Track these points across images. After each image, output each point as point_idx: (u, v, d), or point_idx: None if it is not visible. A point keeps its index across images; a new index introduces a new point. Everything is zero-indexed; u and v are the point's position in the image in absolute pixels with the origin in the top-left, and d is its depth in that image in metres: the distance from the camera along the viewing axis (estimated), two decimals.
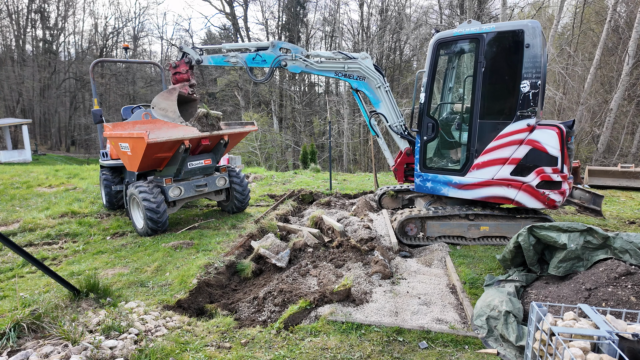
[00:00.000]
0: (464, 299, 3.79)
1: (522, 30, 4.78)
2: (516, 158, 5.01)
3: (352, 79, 5.89)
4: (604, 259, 3.49)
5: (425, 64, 5.50)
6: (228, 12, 33.56)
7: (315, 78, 34.65)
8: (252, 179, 11.21)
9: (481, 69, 5.04)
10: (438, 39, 5.34)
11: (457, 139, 5.74)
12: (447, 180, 5.52)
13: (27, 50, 39.16)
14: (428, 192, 5.79)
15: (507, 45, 4.96)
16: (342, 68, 5.84)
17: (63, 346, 2.75)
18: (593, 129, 16.33)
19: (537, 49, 4.74)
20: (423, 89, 5.52)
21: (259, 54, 5.94)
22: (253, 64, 6.00)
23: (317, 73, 6.01)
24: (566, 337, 2.15)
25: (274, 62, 5.89)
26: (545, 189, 4.96)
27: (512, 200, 5.15)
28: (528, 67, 4.79)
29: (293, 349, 3.02)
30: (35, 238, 5.87)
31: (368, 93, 5.94)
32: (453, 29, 5.27)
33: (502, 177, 5.13)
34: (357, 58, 5.83)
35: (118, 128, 6.55)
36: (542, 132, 4.86)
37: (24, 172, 11.63)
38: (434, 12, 27.22)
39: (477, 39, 5.04)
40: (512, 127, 4.98)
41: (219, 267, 4.65)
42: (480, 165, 5.24)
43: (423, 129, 5.57)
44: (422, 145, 5.67)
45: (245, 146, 23.58)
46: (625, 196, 8.40)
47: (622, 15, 16.71)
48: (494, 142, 5.10)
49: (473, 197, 5.39)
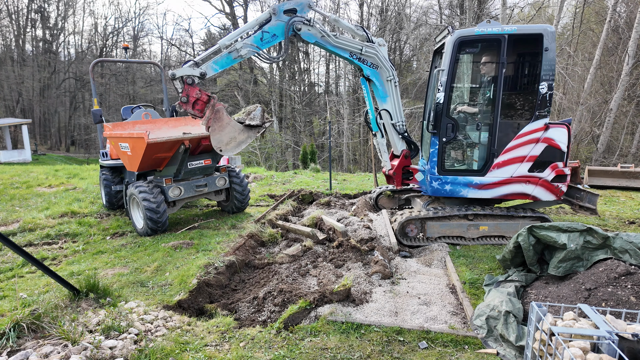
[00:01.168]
0: (464, 299, 3.79)
1: (542, 34, 4.94)
2: (534, 155, 5.26)
3: (366, 64, 5.45)
4: (603, 259, 3.49)
5: (444, 63, 5.23)
6: (228, 12, 33.56)
7: (315, 78, 34.65)
8: (252, 179, 11.21)
9: (502, 69, 5.06)
10: (459, 37, 5.11)
11: (476, 139, 5.60)
12: (468, 182, 5.46)
13: (27, 50, 39.18)
14: (446, 195, 5.59)
15: (527, 47, 5.11)
16: (359, 50, 5.34)
17: (63, 346, 2.75)
18: (593, 129, 16.33)
19: (554, 52, 4.96)
20: (441, 88, 5.26)
21: (265, 30, 4.99)
22: (264, 44, 5.04)
23: (330, 48, 5.28)
24: (566, 337, 2.15)
25: (287, 30, 5.00)
26: (558, 182, 5.33)
27: (528, 196, 5.39)
28: (546, 70, 4.98)
29: (293, 349, 3.02)
30: (35, 238, 5.87)
31: (378, 84, 5.56)
32: (473, 28, 5.15)
33: (521, 175, 5.33)
34: (375, 43, 5.45)
35: (118, 128, 6.55)
36: (555, 130, 5.18)
37: (24, 172, 11.63)
38: (433, 12, 27.26)
39: (499, 39, 5.02)
40: (530, 127, 5.19)
41: (218, 267, 4.65)
42: (500, 165, 5.33)
43: (442, 130, 5.34)
44: (440, 147, 5.44)
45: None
46: (625, 196, 8.40)
47: (622, 15, 16.71)
48: (513, 141, 5.26)
49: (492, 196, 5.46)
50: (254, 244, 5.75)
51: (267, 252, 5.64)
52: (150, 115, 7.26)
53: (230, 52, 4.93)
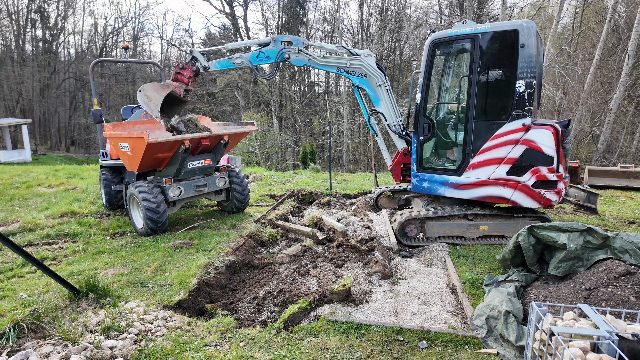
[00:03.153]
0: (464, 299, 3.79)
1: (517, 30, 4.79)
2: (512, 158, 5.02)
3: (354, 75, 5.91)
4: (603, 259, 3.49)
5: (421, 64, 5.53)
6: (228, 12, 33.58)
7: (315, 78, 34.67)
8: (252, 179, 11.21)
9: (476, 69, 5.05)
10: (433, 39, 5.35)
11: (453, 138, 5.76)
12: (444, 180, 5.53)
13: (27, 50, 39.17)
14: (425, 192, 5.81)
15: (502, 45, 4.98)
16: (345, 64, 5.86)
17: (63, 346, 2.75)
18: (593, 129, 16.34)
19: (532, 48, 4.74)
20: (419, 89, 5.53)
21: (262, 50, 5.93)
22: (257, 61, 5.99)
23: (319, 67, 6.03)
24: (566, 337, 2.15)
25: (278, 56, 5.88)
26: (541, 188, 4.98)
27: (508, 200, 5.16)
28: (523, 67, 4.79)
29: (293, 349, 3.02)
30: (35, 238, 5.87)
31: (369, 91, 5.95)
32: (448, 29, 5.30)
33: (498, 177, 5.14)
34: (360, 55, 5.84)
35: (118, 128, 6.55)
36: (537, 132, 4.87)
37: (24, 172, 11.63)
38: (433, 12, 27.24)
39: (473, 39, 5.04)
40: (507, 127, 4.99)
41: (218, 267, 4.65)
42: (476, 165, 5.25)
43: (419, 129, 5.59)
44: (418, 146, 5.69)
45: (245, 146, 23.58)
46: (625, 196, 8.40)
47: (622, 15, 16.71)
48: (489, 142, 5.11)
49: (469, 197, 5.40)
50: (254, 244, 5.75)
51: (267, 252, 5.64)
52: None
53: (230, 58, 6.07)
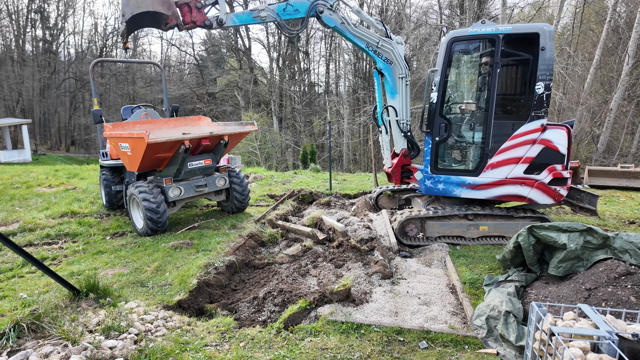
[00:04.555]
0: (464, 299, 3.79)
1: (538, 33, 4.86)
2: (529, 157, 5.16)
3: (380, 58, 5.59)
4: (603, 259, 3.49)
5: (438, 63, 5.36)
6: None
7: (315, 78, 34.67)
8: (252, 179, 11.21)
9: (497, 69, 5.04)
10: (452, 37, 5.22)
11: (470, 139, 5.64)
12: (461, 182, 5.47)
13: (27, 50, 39.15)
14: (439, 194, 5.67)
15: (523, 47, 5.03)
16: (376, 43, 5.49)
17: (63, 346, 2.75)
18: (593, 129, 16.33)
19: (551, 52, 4.86)
20: (435, 88, 5.37)
21: (290, 3, 5.32)
22: (285, 15, 5.37)
23: (348, 36, 5.50)
24: (566, 337, 2.15)
25: (310, 9, 5.31)
26: (556, 185, 5.19)
27: (524, 198, 5.28)
28: (543, 69, 4.90)
29: (293, 349, 3.02)
30: (35, 238, 5.87)
31: (389, 79, 5.67)
32: (467, 28, 5.21)
33: (516, 176, 5.25)
34: (393, 40, 5.59)
35: (118, 128, 6.55)
36: (553, 132, 5.07)
37: (24, 172, 11.63)
38: (433, 12, 27.22)
39: (494, 39, 5.03)
40: (526, 127, 5.11)
41: (218, 267, 4.65)
42: (494, 165, 5.28)
43: (435, 129, 5.44)
44: (433, 146, 5.54)
45: (245, 146, 23.59)
46: (625, 196, 8.40)
47: (622, 15, 16.71)
48: (508, 141, 5.19)
49: (486, 197, 5.41)
50: (254, 244, 5.75)
51: (267, 252, 5.64)
52: (150, 115, 7.26)
53: (252, 11, 5.33)
